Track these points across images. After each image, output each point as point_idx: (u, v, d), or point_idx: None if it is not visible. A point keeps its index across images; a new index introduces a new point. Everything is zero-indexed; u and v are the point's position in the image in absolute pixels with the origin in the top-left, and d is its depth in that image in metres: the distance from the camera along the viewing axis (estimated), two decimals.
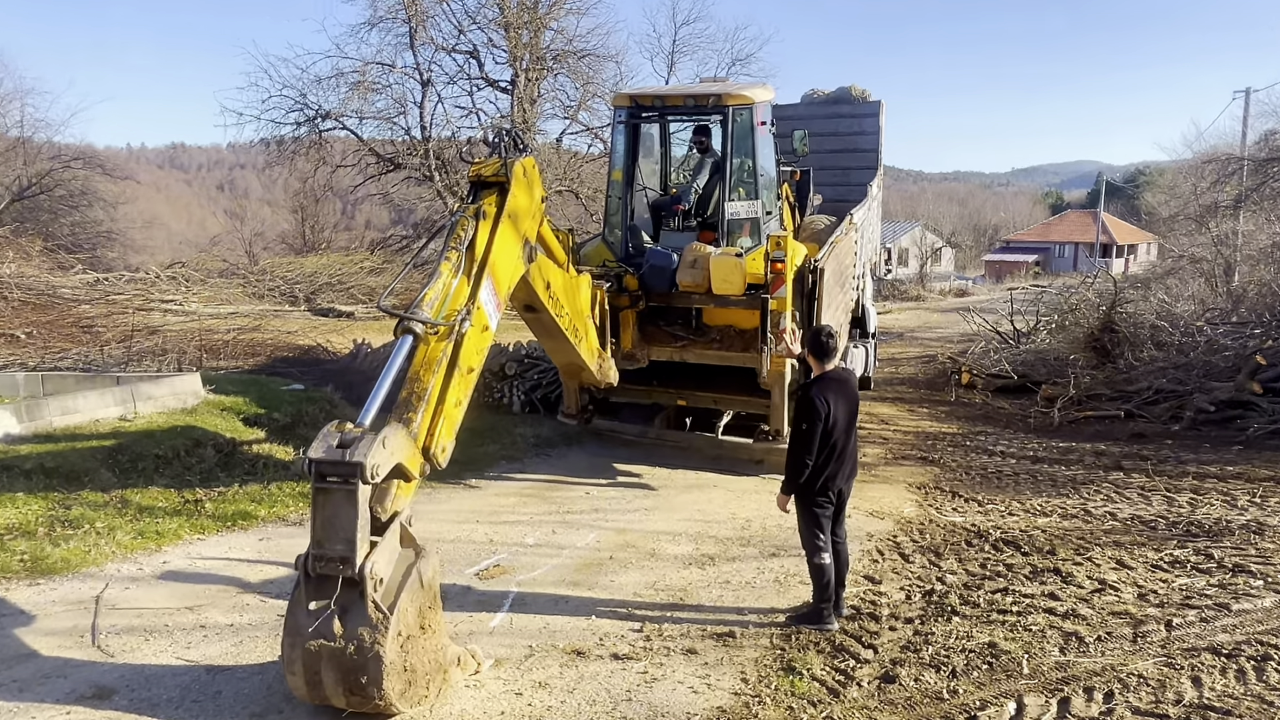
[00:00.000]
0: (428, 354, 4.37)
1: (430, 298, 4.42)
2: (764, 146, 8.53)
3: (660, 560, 6.31)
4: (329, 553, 3.66)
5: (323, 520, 3.68)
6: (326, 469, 3.65)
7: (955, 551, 6.56)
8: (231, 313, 17.80)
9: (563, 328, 6.66)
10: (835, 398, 5.04)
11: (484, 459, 9.07)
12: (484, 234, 4.92)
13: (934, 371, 16.09)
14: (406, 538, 3.98)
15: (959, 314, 20.93)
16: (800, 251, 8.43)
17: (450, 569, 5.97)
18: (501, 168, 5.22)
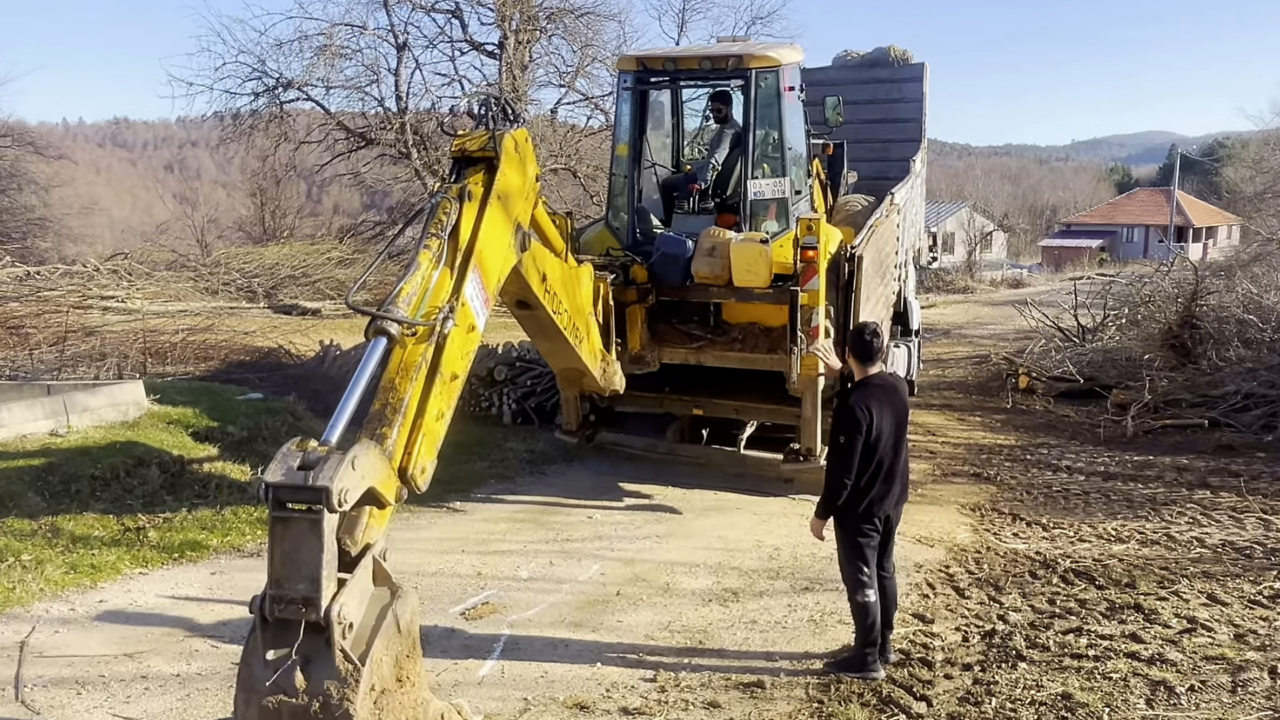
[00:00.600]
0: (404, 358, 4.27)
1: (407, 293, 4.32)
2: (792, 115, 8.46)
3: (675, 596, 6.26)
4: (289, 593, 3.54)
5: (282, 555, 3.57)
6: (286, 495, 3.54)
7: (1018, 585, 6.49)
8: (180, 311, 17.81)
9: (560, 327, 6.58)
10: (880, 407, 4.95)
11: (470, 478, 9.07)
12: (469, 218, 4.82)
13: (987, 374, 16.07)
14: (381, 574, 3.88)
15: (1014, 307, 20.88)
16: (835, 237, 8.36)
17: (432, 608, 5.89)
18: (489, 141, 5.14)
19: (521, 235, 5.52)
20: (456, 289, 4.61)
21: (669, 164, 9.49)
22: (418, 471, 4.15)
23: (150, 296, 19.21)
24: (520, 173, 5.47)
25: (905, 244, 11.21)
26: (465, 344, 4.66)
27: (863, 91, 12.62)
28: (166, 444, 8.55)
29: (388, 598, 3.82)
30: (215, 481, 8.06)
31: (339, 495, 3.49)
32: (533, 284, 5.95)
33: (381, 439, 4.00)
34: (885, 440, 4.96)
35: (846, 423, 4.96)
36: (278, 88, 25.22)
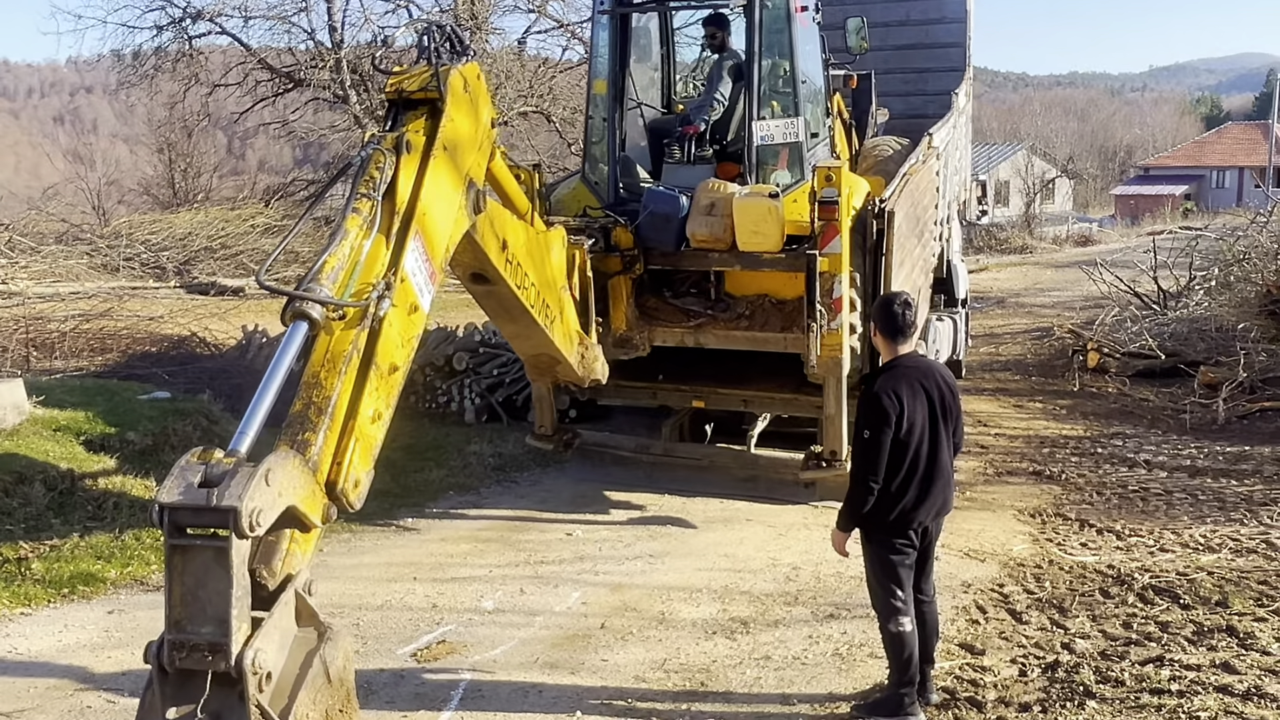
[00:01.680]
0: (331, 347, 4.23)
1: (332, 267, 4.26)
2: (805, 42, 8.46)
3: (672, 628, 6.30)
4: (193, 638, 3.51)
5: (183, 592, 3.54)
6: (186, 518, 3.50)
7: (1087, 606, 6.52)
8: (73, 293, 17.79)
9: (526, 304, 6.55)
10: (913, 394, 4.92)
11: (425, 489, 9.17)
12: (408, 174, 4.77)
13: (1049, 351, 16.19)
14: (305, 612, 3.85)
15: (1081, 270, 20.92)
16: (861, 188, 8.37)
17: (377, 649, 5.94)
18: (432, 79, 5.08)
19: (475, 193, 5.47)
20: (394, 261, 4.55)
21: (658, 103, 9.50)
22: (349, 485, 4.11)
23: (36, 276, 19.17)
24: (471, 117, 5.42)
25: (947, 196, 11.22)
26: (406, 328, 4.61)
27: (894, 11, 12.64)
28: (53, 455, 8.53)
29: (315, 640, 3.80)
30: (113, 500, 8.05)
31: (250, 517, 3.44)
32: (490, 253, 5.91)
33: (304, 447, 3.95)
34: (919, 435, 4.92)
35: (871, 414, 4.92)
36: (185, 19, 25.27)
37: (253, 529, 3.49)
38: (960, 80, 12.25)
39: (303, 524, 3.90)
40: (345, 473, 4.10)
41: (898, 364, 5.04)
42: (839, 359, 7.84)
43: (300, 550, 3.94)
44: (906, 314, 5.05)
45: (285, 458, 3.76)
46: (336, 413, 4.12)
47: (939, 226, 10.73)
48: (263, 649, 3.54)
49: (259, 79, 26.90)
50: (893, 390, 4.90)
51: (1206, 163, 62.22)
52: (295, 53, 26.61)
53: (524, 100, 25.92)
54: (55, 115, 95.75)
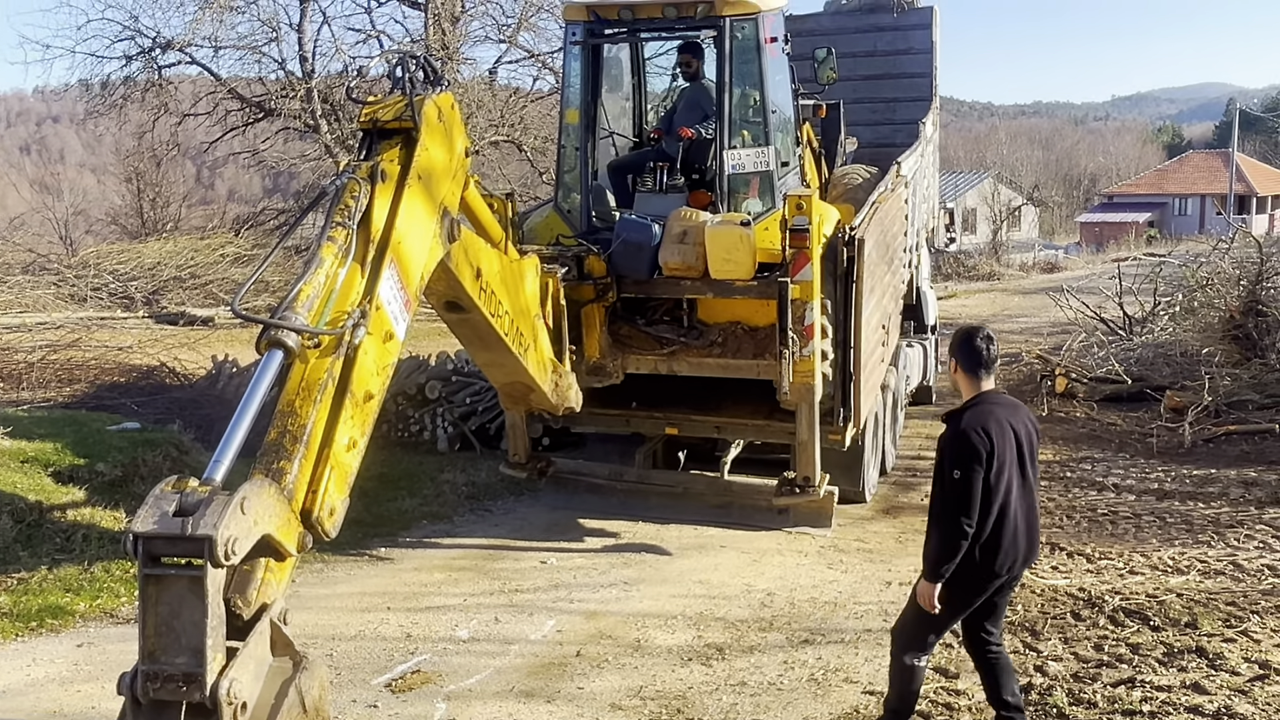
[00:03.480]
0: (306, 376, 4.23)
1: (307, 295, 4.27)
2: (775, 72, 8.54)
3: (648, 656, 6.31)
4: (167, 668, 3.49)
5: (157, 622, 3.52)
6: (160, 548, 3.48)
7: (1058, 628, 6.58)
8: (40, 323, 17.68)
9: (500, 332, 6.58)
10: (1001, 432, 4.62)
11: (398, 518, 9.17)
12: (383, 202, 4.79)
13: (1018, 376, 16.30)
14: (281, 642, 3.84)
15: (1048, 296, 21.11)
16: (831, 216, 8.45)
17: (350, 680, 5.93)
18: (407, 108, 5.11)
19: (449, 222, 5.51)
20: (369, 289, 4.57)
21: (629, 133, 9.54)
22: (325, 514, 4.11)
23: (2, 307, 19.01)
24: (446, 146, 5.46)
25: (916, 223, 11.35)
26: (381, 356, 4.63)
27: (862, 42, 12.80)
28: (20, 487, 8.45)
29: (290, 670, 3.79)
30: (82, 532, 7.97)
31: (225, 546, 3.43)
32: (465, 281, 5.94)
33: (279, 475, 3.95)
34: (1008, 476, 4.61)
35: (961, 452, 4.56)
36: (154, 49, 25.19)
37: (228, 558, 3.47)
38: (927, 109, 12.42)
39: (278, 553, 3.89)
40: (321, 501, 4.10)
41: (983, 400, 4.75)
42: (811, 385, 7.91)
43: (275, 579, 3.93)
44: (990, 349, 4.79)
45: (261, 486, 3.76)
46: (312, 441, 4.11)
47: (908, 254, 10.85)
48: (238, 679, 3.53)
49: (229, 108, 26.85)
50: (981, 427, 4.58)
51: (1169, 190, 63.16)
52: (265, 82, 26.60)
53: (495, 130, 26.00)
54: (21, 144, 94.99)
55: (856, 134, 11.47)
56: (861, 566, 7.92)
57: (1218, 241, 19.21)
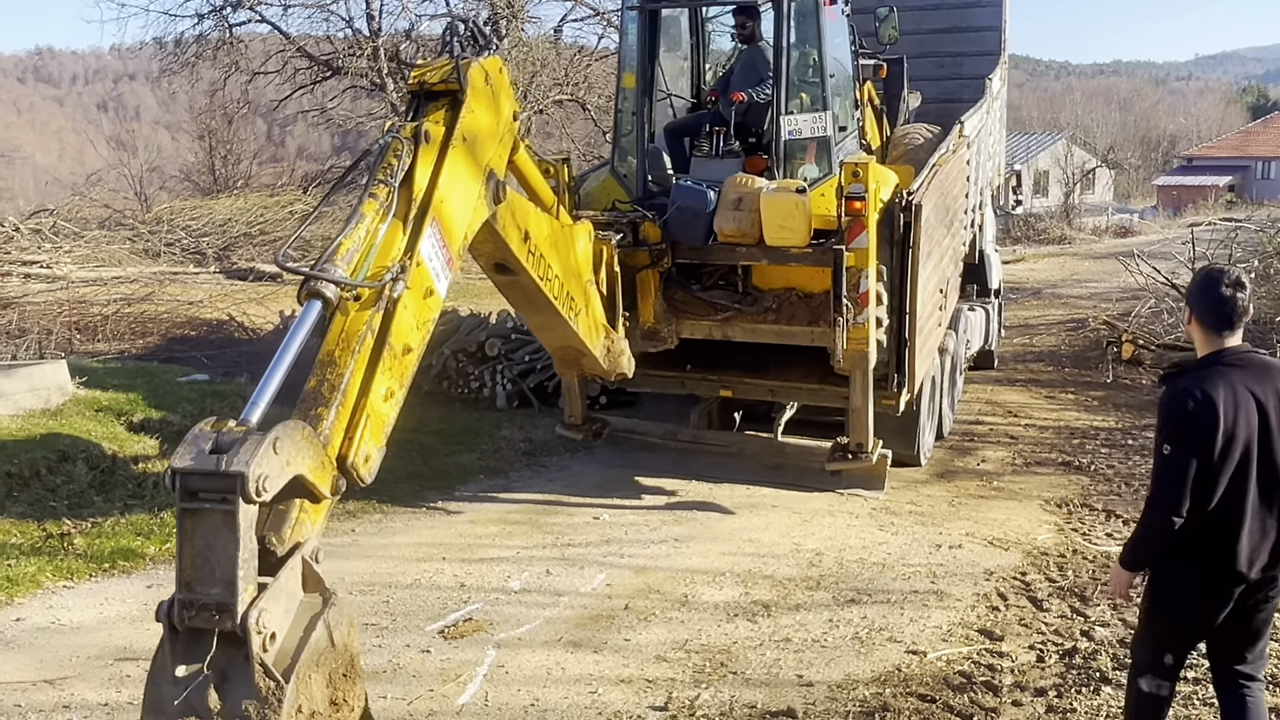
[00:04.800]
0: (346, 327, 4.36)
1: (347, 249, 4.38)
2: (834, 35, 8.49)
3: (694, 610, 6.38)
4: (201, 598, 3.63)
5: (193, 554, 3.67)
6: (196, 483, 3.62)
7: (1108, 594, 6.45)
8: (115, 277, 18.06)
9: (550, 295, 6.60)
10: (1237, 399, 3.73)
11: (455, 472, 9.28)
12: (425, 164, 4.87)
13: (1084, 342, 16.10)
14: (312, 579, 3.97)
15: (1118, 261, 20.72)
16: (889, 180, 8.40)
17: (406, 625, 6.07)
18: (453, 72, 5.17)
19: (495, 184, 5.56)
20: (410, 246, 4.67)
21: (687, 95, 9.51)
22: (360, 460, 4.23)
23: (79, 261, 19.43)
24: (492, 110, 5.51)
25: (979, 183, 11.19)
26: (421, 311, 4.72)
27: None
28: (96, 435, 8.75)
29: (319, 606, 3.92)
30: (152, 480, 8.21)
31: (257, 483, 3.56)
32: (512, 243, 5.99)
33: (316, 421, 4.09)
34: (1244, 456, 3.74)
35: (1172, 421, 3.77)
36: (225, 7, 25.42)
37: (259, 494, 3.61)
38: (995, 65, 12.13)
39: (312, 494, 4.03)
40: (356, 448, 4.22)
41: (1219, 359, 3.82)
42: (865, 352, 7.88)
43: (310, 520, 4.06)
44: (1239, 298, 3.81)
45: (294, 428, 3.89)
46: (349, 390, 4.24)
47: (970, 215, 10.72)
48: (267, 610, 3.66)
49: (298, 67, 27.09)
50: (1203, 391, 3.71)
51: (1252, 153, 61.18)
52: (333, 41, 26.77)
53: (560, 89, 25.97)
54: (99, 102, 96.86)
55: (921, 89, 11.26)
56: (912, 529, 7.93)
57: None
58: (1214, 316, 3.83)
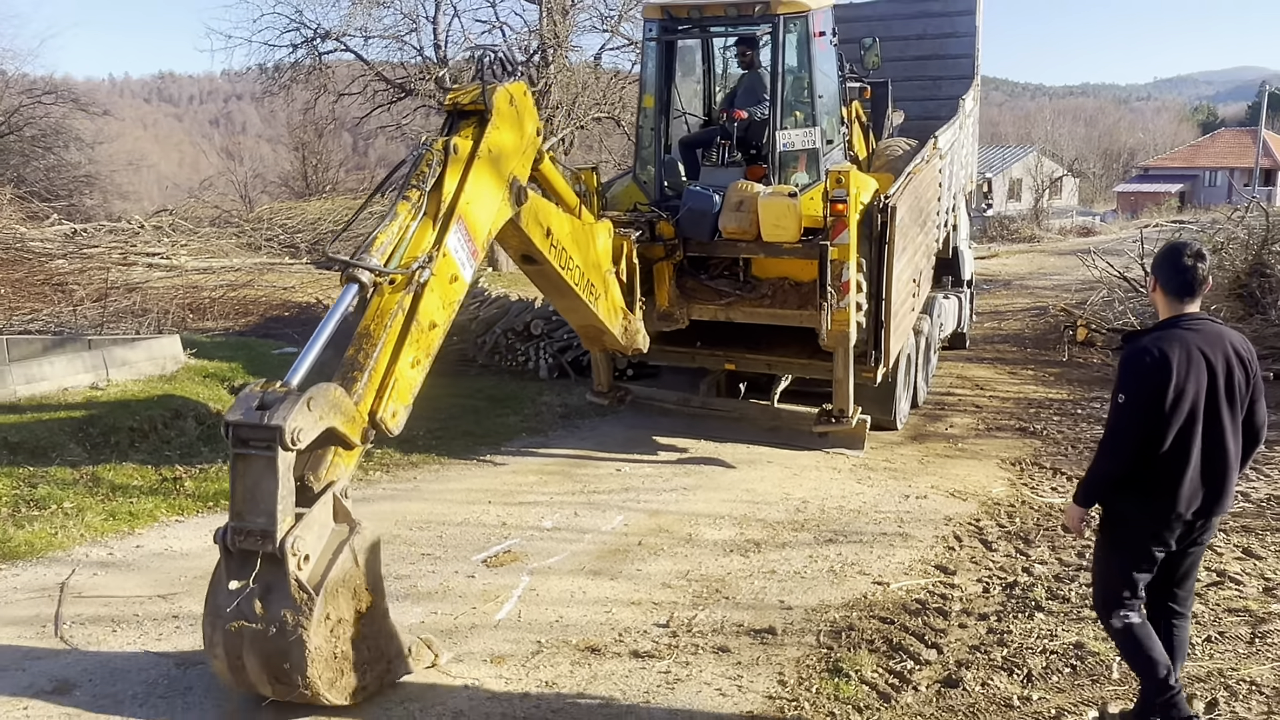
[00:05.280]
0: (381, 306, 4.53)
1: (382, 242, 4.53)
2: (823, 62, 8.42)
3: (696, 546, 6.43)
4: (249, 526, 3.84)
5: (243, 490, 3.86)
6: (245, 433, 3.81)
7: (1048, 538, 6.55)
8: (223, 266, 18.34)
9: (571, 283, 6.68)
10: (1190, 359, 3.61)
11: (502, 431, 9.33)
12: (453, 175, 4.96)
13: (1045, 326, 15.92)
14: (340, 511, 4.14)
15: (1078, 257, 20.47)
16: (869, 186, 8.36)
17: (455, 555, 6.18)
18: (480, 94, 5.24)
19: (517, 189, 5.61)
20: (438, 240, 4.80)
21: (701, 113, 9.50)
22: (388, 415, 4.39)
23: (193, 253, 19.75)
24: (516, 128, 5.56)
25: (952, 189, 11.10)
26: (447, 294, 4.83)
27: (912, 26, 12.45)
28: (203, 397, 8.92)
29: (346, 534, 4.09)
30: None
31: (292, 434, 3.76)
32: (535, 238, 6.05)
33: (351, 383, 4.27)
34: (1190, 410, 3.61)
35: (1130, 375, 3.63)
36: (316, 38, 25.44)
37: (294, 443, 3.80)
38: (968, 87, 12.02)
39: (345, 442, 4.18)
40: (385, 404, 4.37)
41: (1177, 323, 3.70)
42: (846, 332, 7.90)
43: (343, 463, 4.21)
44: (1199, 268, 3.68)
45: (326, 388, 4.06)
46: (381, 357, 4.40)
47: (942, 216, 10.66)
48: (302, 536, 3.87)
49: (376, 89, 27.10)
50: (1159, 349, 3.60)
51: (1200, 164, 59.95)
52: (406, 66, 26.76)
53: (598, 108, 25.88)
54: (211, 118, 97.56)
55: (905, 108, 11.17)
56: (885, 482, 7.94)
57: (1234, 211, 18.41)
58: (1176, 284, 3.72)
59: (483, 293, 12.97)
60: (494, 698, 4.42)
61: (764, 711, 4.33)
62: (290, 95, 27.70)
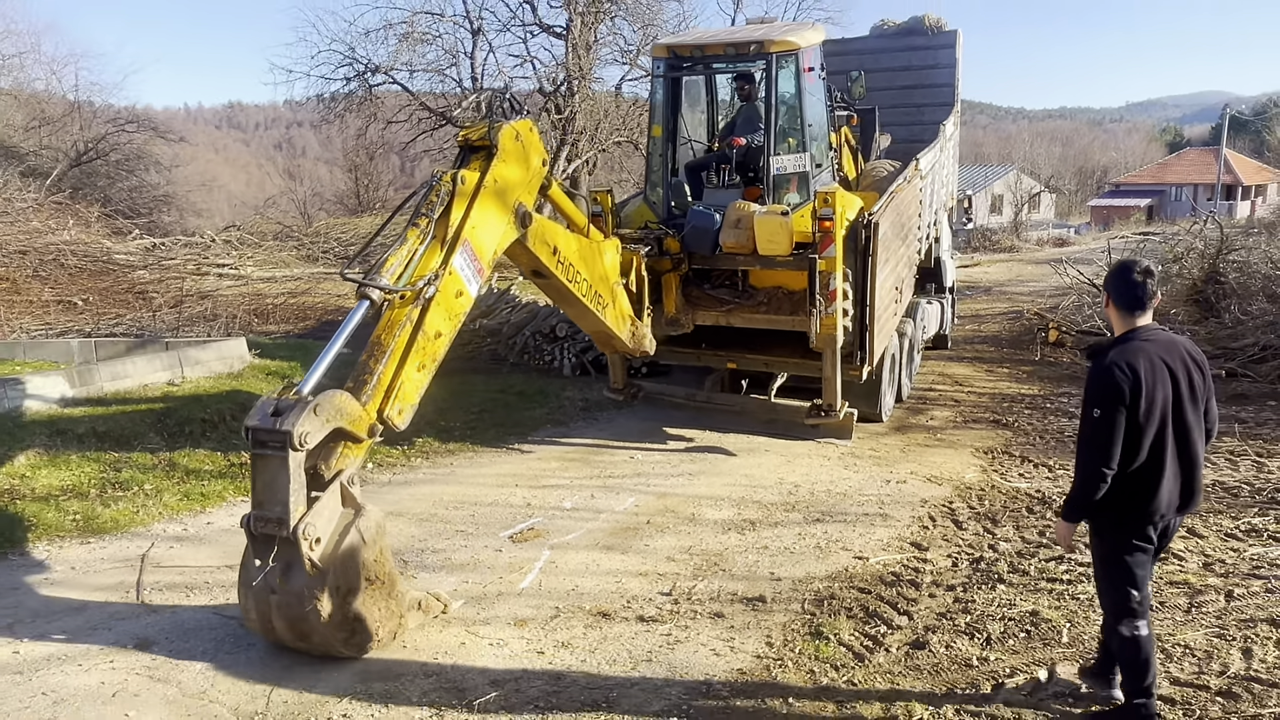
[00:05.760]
0: (391, 318, 4.65)
1: (391, 264, 4.65)
2: (812, 95, 8.47)
3: (698, 525, 6.50)
4: (268, 514, 4.05)
5: (262, 484, 4.08)
6: (262, 436, 4.02)
7: (1014, 519, 6.58)
8: (284, 276, 18.54)
9: (578, 294, 6.75)
10: (1153, 370, 3.55)
11: (529, 423, 9.41)
12: (459, 205, 5.07)
13: (1019, 329, 15.83)
14: (348, 497, 4.29)
15: (1052, 266, 20.35)
16: (854, 205, 8.39)
17: (484, 532, 6.29)
18: (488, 132, 5.35)
19: (522, 214, 5.69)
20: (445, 260, 4.88)
21: (704, 139, 9.56)
22: (394, 413, 4.51)
23: (258, 264, 19.99)
24: (521, 162, 5.64)
25: (933, 205, 11.10)
26: (452, 307, 4.92)
27: (898, 59, 12.44)
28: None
29: (352, 517, 4.24)
30: None
31: (299, 438, 3.95)
32: (542, 256, 6.13)
33: (362, 385, 4.42)
34: (1161, 415, 3.55)
35: (1102, 390, 3.54)
36: (367, 72, 25.70)
37: (302, 445, 3.98)
38: (949, 113, 12.01)
39: (353, 438, 4.31)
40: (392, 404, 4.50)
41: (1134, 336, 3.64)
42: (833, 335, 7.96)
43: (351, 454, 4.33)
44: (1148, 284, 3.65)
45: (331, 394, 4.22)
46: (390, 361, 4.52)
47: (925, 229, 10.69)
48: (313, 522, 4.05)
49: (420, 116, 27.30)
50: (1127, 364, 3.53)
51: (1167, 180, 59.34)
52: (447, 97, 26.98)
53: (618, 133, 26.01)
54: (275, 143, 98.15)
55: (891, 132, 11.18)
56: (870, 469, 7.97)
57: (1193, 223, 18.30)
58: (1128, 299, 3.66)
59: (513, 299, 13.08)
60: (516, 656, 4.54)
61: (752, 669, 4.43)
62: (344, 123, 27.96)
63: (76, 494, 6.67)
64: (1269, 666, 4.26)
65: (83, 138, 27.82)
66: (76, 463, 7.17)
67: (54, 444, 7.34)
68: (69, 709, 3.99)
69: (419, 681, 4.26)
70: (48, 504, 6.44)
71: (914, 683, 4.29)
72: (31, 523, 6.12)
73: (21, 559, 5.68)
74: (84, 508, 6.44)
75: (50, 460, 7.13)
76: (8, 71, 29.08)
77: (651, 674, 4.38)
